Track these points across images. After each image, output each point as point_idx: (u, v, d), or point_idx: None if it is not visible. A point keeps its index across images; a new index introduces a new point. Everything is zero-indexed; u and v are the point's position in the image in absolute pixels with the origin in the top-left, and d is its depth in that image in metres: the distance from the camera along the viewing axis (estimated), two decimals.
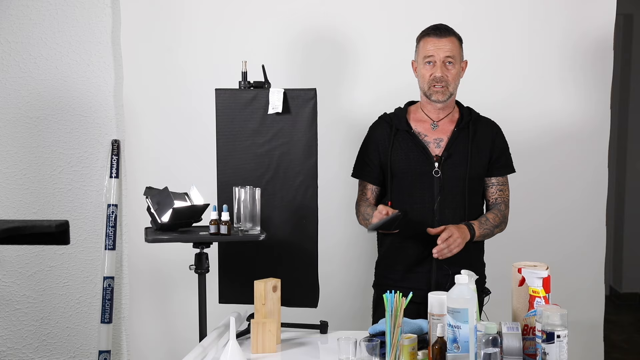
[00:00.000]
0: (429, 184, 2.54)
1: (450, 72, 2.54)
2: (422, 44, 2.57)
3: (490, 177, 2.64)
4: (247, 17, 3.31)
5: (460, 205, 2.55)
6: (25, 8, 3.33)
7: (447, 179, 2.54)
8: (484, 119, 2.67)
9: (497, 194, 2.64)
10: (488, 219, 2.59)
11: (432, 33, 2.55)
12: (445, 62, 2.53)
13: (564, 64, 3.34)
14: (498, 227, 2.61)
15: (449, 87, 2.54)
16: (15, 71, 3.34)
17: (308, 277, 2.66)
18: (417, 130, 2.60)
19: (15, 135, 3.36)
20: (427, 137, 2.58)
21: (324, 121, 2.74)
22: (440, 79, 2.52)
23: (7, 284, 3.39)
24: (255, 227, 2.46)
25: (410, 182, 2.56)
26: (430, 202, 2.53)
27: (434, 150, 2.57)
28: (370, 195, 2.66)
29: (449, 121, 2.61)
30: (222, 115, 2.66)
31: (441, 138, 2.58)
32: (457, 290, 1.97)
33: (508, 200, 2.67)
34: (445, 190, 2.53)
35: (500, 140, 2.66)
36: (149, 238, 2.41)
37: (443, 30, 2.55)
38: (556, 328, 1.87)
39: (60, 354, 3.44)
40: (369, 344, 2.00)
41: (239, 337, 2.28)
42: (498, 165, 2.64)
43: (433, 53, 2.52)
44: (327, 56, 3.32)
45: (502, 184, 2.66)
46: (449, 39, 2.54)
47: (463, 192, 2.55)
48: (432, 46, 2.53)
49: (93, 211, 3.41)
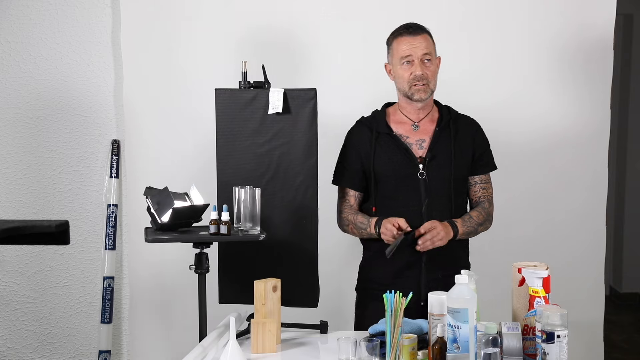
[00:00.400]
0: (415, 186, 2.50)
1: (429, 69, 2.50)
2: (396, 45, 2.53)
3: (473, 175, 2.61)
4: (247, 17, 3.31)
5: (447, 207, 2.51)
6: (25, 8, 3.33)
7: (433, 180, 2.50)
8: (463, 116, 2.63)
9: (481, 192, 2.61)
10: (472, 216, 2.55)
11: (404, 32, 2.52)
12: (424, 60, 2.49)
13: (564, 64, 3.34)
14: (482, 225, 2.58)
15: (430, 85, 2.51)
16: (15, 71, 3.34)
17: (308, 277, 2.66)
18: (398, 132, 2.55)
19: (15, 135, 3.36)
20: (409, 139, 2.54)
21: (324, 121, 2.74)
22: (421, 77, 2.48)
23: (7, 284, 3.39)
24: (255, 227, 2.46)
25: (395, 186, 2.51)
26: (416, 205, 2.49)
27: (417, 151, 2.53)
28: (354, 201, 2.60)
29: (429, 121, 2.57)
30: (222, 115, 2.66)
31: (423, 139, 2.54)
32: (457, 290, 1.97)
33: (492, 197, 2.64)
34: (431, 192, 2.49)
35: (481, 138, 2.63)
36: (149, 238, 2.41)
37: (416, 28, 2.52)
38: (556, 328, 1.87)
39: (60, 354, 3.44)
40: (369, 344, 2.00)
41: (239, 337, 2.28)
42: (481, 163, 2.60)
43: (410, 52, 2.49)
44: (327, 56, 3.32)
45: (485, 181, 2.62)
46: (423, 36, 2.51)
47: (449, 194, 2.52)
48: (408, 45, 2.49)
49: (93, 211, 3.41)
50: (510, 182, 3.33)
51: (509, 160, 3.34)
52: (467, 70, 3.32)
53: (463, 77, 3.30)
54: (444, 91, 2.69)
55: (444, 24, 3.34)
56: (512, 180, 3.33)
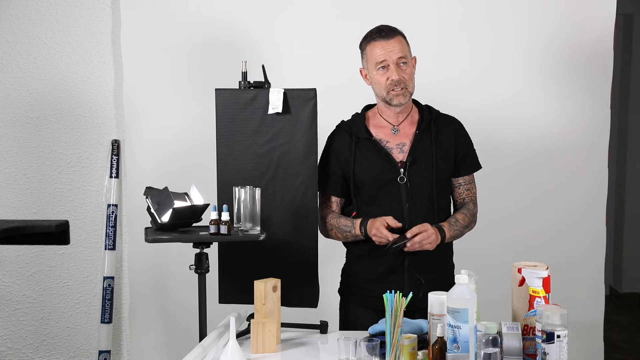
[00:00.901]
0: (395, 191, 2.47)
1: (406, 73, 2.45)
2: (370, 50, 2.48)
3: (457, 177, 2.57)
4: (247, 17, 3.31)
5: (430, 210, 2.48)
6: (25, 8, 3.33)
7: (414, 184, 2.47)
8: (445, 116, 2.58)
9: (465, 193, 2.57)
10: (457, 219, 2.52)
11: (377, 37, 2.46)
12: (399, 63, 2.44)
13: (564, 64, 3.34)
14: (467, 227, 2.55)
15: (408, 88, 2.46)
16: (15, 71, 3.34)
17: (308, 277, 2.66)
18: (378, 137, 2.52)
19: (15, 135, 3.36)
20: (389, 143, 2.51)
21: (324, 121, 2.74)
22: (398, 81, 2.43)
23: (7, 284, 3.39)
24: (255, 227, 2.45)
25: (376, 191, 2.49)
26: (398, 210, 2.46)
27: (398, 156, 2.49)
28: (336, 207, 2.58)
29: (409, 124, 2.53)
30: (222, 115, 2.66)
31: (404, 142, 2.50)
32: (457, 290, 1.97)
33: (476, 198, 2.61)
34: (413, 197, 2.46)
35: (464, 138, 2.58)
36: (149, 238, 2.40)
37: (388, 31, 2.47)
38: (556, 328, 1.87)
39: (60, 354, 3.44)
40: (369, 344, 2.00)
41: (239, 337, 2.28)
42: (464, 164, 2.56)
43: (385, 57, 2.44)
44: (327, 56, 3.32)
45: (469, 182, 2.58)
46: (397, 39, 2.46)
47: (431, 197, 2.48)
48: (382, 50, 2.45)
49: (93, 211, 3.41)
50: (510, 183, 3.34)
51: (508, 160, 3.35)
52: (467, 70, 3.32)
53: (463, 77, 3.30)
54: (444, 91, 2.69)
55: (444, 24, 3.34)
56: (512, 180, 3.34)
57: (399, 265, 2.47)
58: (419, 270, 2.46)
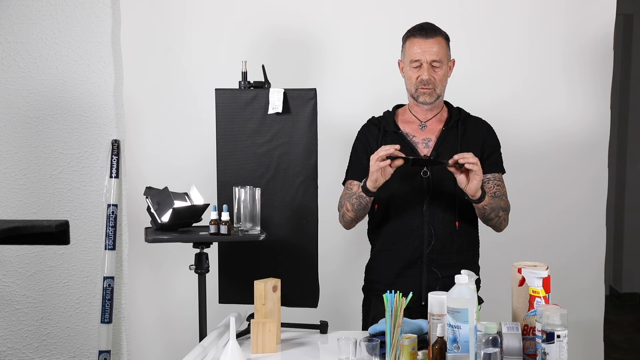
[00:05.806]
0: (417, 185, 2.47)
1: (437, 74, 2.47)
2: (409, 45, 2.50)
3: (484, 174, 2.53)
4: (247, 17, 3.31)
5: (451, 207, 2.48)
6: (25, 8, 3.33)
7: (437, 179, 2.47)
8: (474, 118, 2.60)
9: (495, 187, 2.53)
10: (496, 197, 2.48)
11: (417, 34, 2.48)
12: (432, 64, 2.46)
13: (564, 64, 3.34)
14: (504, 211, 2.50)
15: (436, 89, 2.48)
16: (15, 71, 3.34)
17: (308, 277, 2.66)
18: (405, 131, 2.54)
19: (15, 135, 3.36)
20: (416, 138, 2.52)
21: (324, 121, 2.74)
22: (427, 81, 2.45)
23: (7, 284, 3.39)
24: (255, 227, 2.46)
25: (398, 184, 2.48)
26: (418, 204, 2.47)
27: (422, 150, 2.50)
28: (356, 190, 2.54)
29: (437, 121, 2.55)
30: (222, 115, 2.66)
31: (429, 138, 2.52)
32: (457, 290, 1.97)
33: (507, 197, 2.58)
34: (434, 191, 2.47)
35: (492, 139, 2.59)
36: (149, 238, 2.41)
37: (429, 30, 2.48)
38: (556, 328, 1.87)
39: (60, 354, 3.44)
40: (369, 344, 2.00)
41: (239, 337, 2.28)
42: (488, 162, 2.54)
43: (420, 57, 2.46)
44: (326, 56, 3.32)
45: (499, 179, 2.56)
46: (436, 40, 2.47)
47: (453, 193, 2.47)
48: (419, 48, 2.46)
49: (93, 211, 3.41)
50: (510, 182, 3.32)
51: (508, 160, 3.33)
52: (467, 70, 3.31)
53: (463, 77, 3.29)
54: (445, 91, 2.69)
55: (444, 24, 3.33)
56: (511, 180, 3.32)
57: (416, 259, 2.47)
58: (439, 266, 2.46)
